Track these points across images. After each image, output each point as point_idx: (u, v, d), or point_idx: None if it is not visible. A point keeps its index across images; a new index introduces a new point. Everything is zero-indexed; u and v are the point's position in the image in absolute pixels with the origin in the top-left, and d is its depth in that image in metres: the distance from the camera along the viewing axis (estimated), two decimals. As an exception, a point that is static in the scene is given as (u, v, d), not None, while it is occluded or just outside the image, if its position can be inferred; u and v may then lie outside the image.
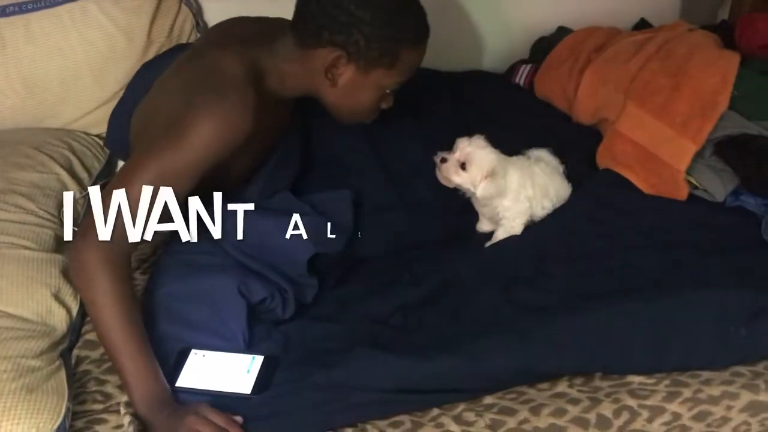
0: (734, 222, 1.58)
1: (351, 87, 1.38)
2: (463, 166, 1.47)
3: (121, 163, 1.85)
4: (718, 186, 1.65)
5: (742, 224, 1.56)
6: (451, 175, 1.48)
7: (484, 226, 1.60)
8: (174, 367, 1.21)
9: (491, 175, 1.46)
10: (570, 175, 1.65)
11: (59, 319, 1.29)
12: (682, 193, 1.63)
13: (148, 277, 1.39)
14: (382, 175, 1.60)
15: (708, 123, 1.62)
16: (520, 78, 2.09)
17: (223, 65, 1.34)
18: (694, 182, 1.68)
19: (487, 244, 1.55)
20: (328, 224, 1.39)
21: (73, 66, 1.86)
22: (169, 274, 1.31)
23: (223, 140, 1.26)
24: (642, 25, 2.24)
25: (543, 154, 1.66)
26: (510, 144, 1.71)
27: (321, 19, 1.31)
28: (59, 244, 1.44)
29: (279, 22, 1.50)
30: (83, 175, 1.72)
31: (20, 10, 1.85)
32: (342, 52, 1.32)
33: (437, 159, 1.49)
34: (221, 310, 1.26)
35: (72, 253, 1.22)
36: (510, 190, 1.51)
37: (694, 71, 1.69)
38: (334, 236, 1.38)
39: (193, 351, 1.24)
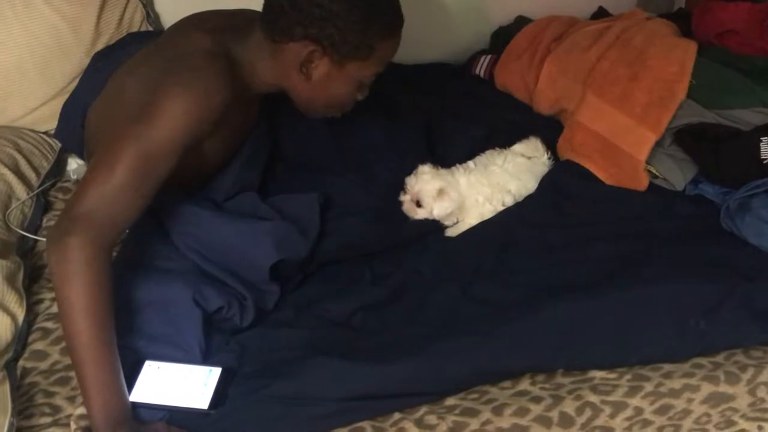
0: (694, 211, 1.58)
1: (326, 81, 1.34)
2: (418, 203, 1.51)
3: (71, 160, 1.78)
4: (677, 175, 1.65)
5: (702, 213, 1.56)
6: (413, 213, 1.52)
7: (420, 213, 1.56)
8: (127, 380, 1.15)
9: (439, 194, 1.49)
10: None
11: (3, 328, 1.23)
12: (642, 183, 1.63)
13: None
14: (348, 176, 1.57)
15: (667, 112, 1.61)
16: (480, 69, 2.06)
17: (192, 44, 1.32)
18: (654, 171, 1.68)
19: (447, 232, 1.54)
20: (294, 229, 1.36)
21: (17, 60, 1.78)
22: (123, 279, 1.26)
23: (201, 111, 1.23)
24: (600, 13, 2.23)
25: (527, 147, 1.67)
26: (472, 138, 1.72)
27: (294, 13, 1.26)
28: (2, 248, 1.38)
29: (249, 13, 1.46)
30: (30, 174, 1.65)
31: (-40, 3, 1.76)
32: (317, 47, 1.29)
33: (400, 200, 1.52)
34: (176, 320, 1.21)
35: (56, 246, 1.12)
36: (466, 199, 1.53)
37: (652, 60, 1.68)
38: (299, 241, 1.34)
39: (147, 362, 1.19)
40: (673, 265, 1.37)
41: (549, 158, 1.69)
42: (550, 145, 1.75)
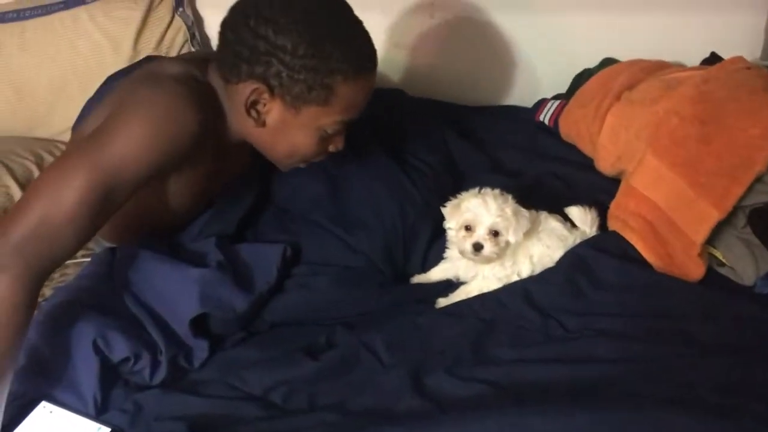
0: (759, 314, 1.22)
1: (282, 127, 1.19)
2: (496, 233, 1.28)
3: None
4: (748, 265, 1.32)
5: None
6: (493, 251, 1.27)
7: (435, 274, 1.39)
8: (15, 417, 1.06)
9: (515, 214, 1.28)
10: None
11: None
12: (695, 272, 1.31)
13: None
14: (335, 230, 1.38)
15: (736, 186, 1.29)
16: (546, 115, 1.81)
17: (162, 67, 1.22)
18: (720, 257, 1.35)
19: (439, 303, 1.32)
20: (229, 279, 1.20)
21: (61, 75, 1.81)
22: (51, 310, 1.17)
23: (163, 135, 1.10)
24: (712, 60, 1.88)
25: (579, 214, 1.41)
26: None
27: (238, 48, 1.13)
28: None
29: None
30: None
31: (18, 17, 1.83)
32: (262, 86, 1.14)
33: (469, 247, 1.27)
34: (76, 364, 1.10)
35: None
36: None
37: (730, 120, 1.35)
38: (235, 294, 1.19)
39: (42, 403, 1.09)
40: (704, 385, 1.04)
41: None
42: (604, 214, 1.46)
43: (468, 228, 1.28)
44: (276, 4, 1.10)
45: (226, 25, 1.15)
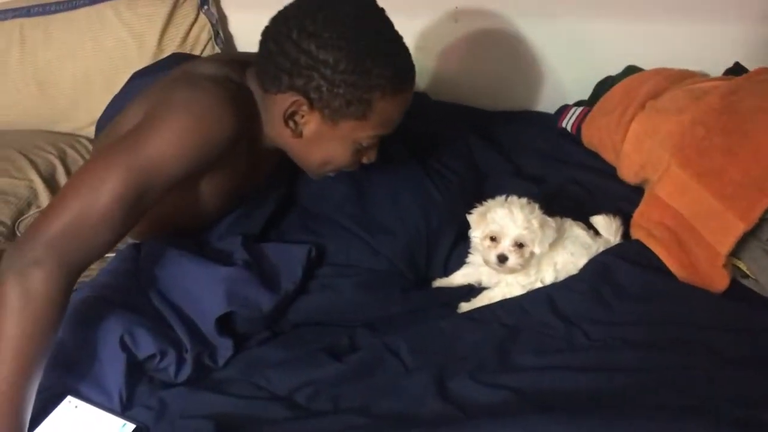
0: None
1: (318, 138, 1.20)
2: (520, 244, 1.27)
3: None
4: (772, 278, 1.31)
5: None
6: (517, 263, 1.26)
7: (457, 278, 1.38)
8: (40, 411, 1.06)
9: (542, 226, 1.27)
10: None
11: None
12: (719, 283, 1.30)
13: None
14: (359, 233, 1.37)
15: (763, 198, 1.28)
16: (568, 122, 1.80)
17: (199, 68, 1.22)
18: (744, 269, 1.34)
19: (462, 307, 1.32)
20: (256, 279, 1.20)
21: (85, 70, 1.82)
22: (74, 305, 1.17)
23: (200, 136, 1.10)
24: (736, 70, 1.87)
25: (603, 223, 1.40)
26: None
27: (280, 60, 1.13)
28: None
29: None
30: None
31: (43, 11, 1.84)
32: (302, 98, 1.14)
33: (493, 258, 1.26)
34: (102, 360, 1.10)
35: (18, 278, 0.99)
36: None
37: (757, 132, 1.34)
38: (261, 293, 1.19)
39: (68, 398, 1.10)
40: (717, 398, 1.04)
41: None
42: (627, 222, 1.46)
43: (493, 239, 1.28)
44: (320, 18, 1.10)
45: (269, 35, 1.15)
